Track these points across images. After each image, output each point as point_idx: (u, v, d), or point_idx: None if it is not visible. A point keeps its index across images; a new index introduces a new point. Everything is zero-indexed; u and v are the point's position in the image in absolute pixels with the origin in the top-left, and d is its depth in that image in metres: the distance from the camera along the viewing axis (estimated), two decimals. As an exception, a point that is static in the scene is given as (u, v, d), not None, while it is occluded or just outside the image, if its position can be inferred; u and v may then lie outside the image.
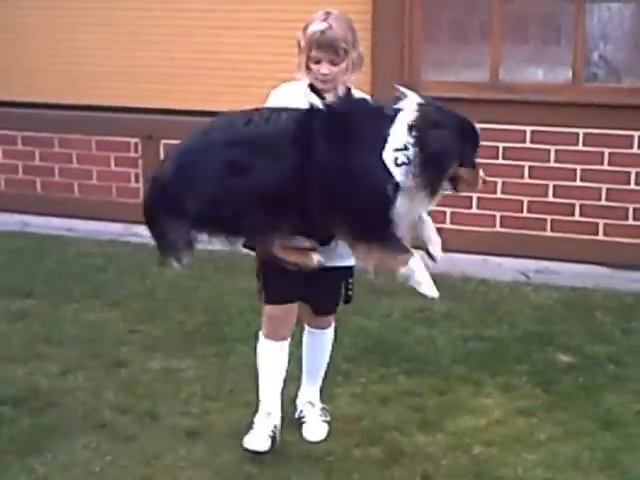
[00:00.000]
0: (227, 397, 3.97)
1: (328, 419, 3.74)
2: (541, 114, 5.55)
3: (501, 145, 5.69)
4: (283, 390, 3.60)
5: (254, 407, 3.70)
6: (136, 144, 6.45)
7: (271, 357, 3.58)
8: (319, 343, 3.72)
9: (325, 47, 3.30)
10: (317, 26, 3.32)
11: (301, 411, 3.77)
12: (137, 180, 6.48)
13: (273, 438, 3.54)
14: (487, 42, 5.69)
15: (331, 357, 3.79)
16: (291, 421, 3.73)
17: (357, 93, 3.52)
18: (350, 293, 3.64)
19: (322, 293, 3.57)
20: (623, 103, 5.45)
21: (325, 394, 3.80)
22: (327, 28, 3.30)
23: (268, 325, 3.58)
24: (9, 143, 6.83)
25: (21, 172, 6.84)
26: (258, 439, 3.52)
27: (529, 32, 5.81)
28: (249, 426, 3.56)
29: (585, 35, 5.50)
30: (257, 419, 3.60)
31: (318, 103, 3.32)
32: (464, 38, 5.94)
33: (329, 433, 3.66)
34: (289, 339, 3.59)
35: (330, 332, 3.73)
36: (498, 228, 5.79)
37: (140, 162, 6.47)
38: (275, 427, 3.57)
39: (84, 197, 6.64)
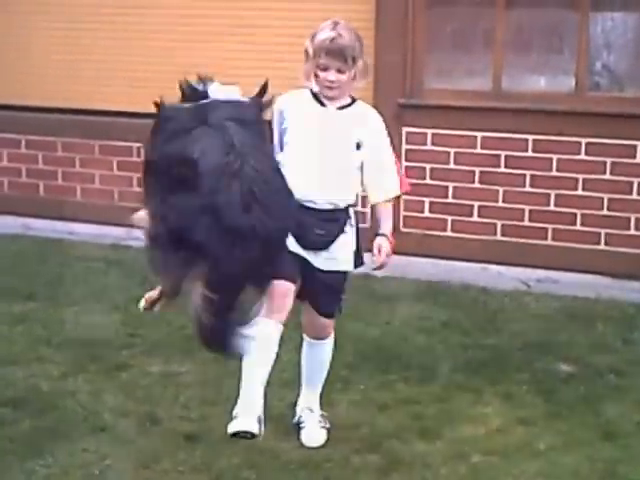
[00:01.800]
0: (226, 402, 3.95)
1: (327, 425, 3.74)
2: (543, 123, 5.56)
3: (503, 153, 5.69)
4: (280, 395, 3.62)
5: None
6: (138, 148, 6.46)
7: (259, 336, 3.24)
8: (318, 354, 3.72)
9: (334, 54, 3.38)
10: (327, 34, 3.40)
11: (300, 417, 3.77)
12: (139, 184, 6.48)
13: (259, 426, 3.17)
14: (490, 50, 5.70)
15: (331, 364, 3.77)
16: (290, 427, 3.74)
17: (361, 104, 3.57)
18: (341, 304, 3.64)
19: (324, 290, 3.54)
20: (626, 112, 5.46)
21: (324, 400, 3.79)
22: (337, 36, 3.39)
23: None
24: (13, 146, 6.84)
25: (24, 175, 6.85)
26: (246, 420, 3.16)
27: (532, 41, 5.81)
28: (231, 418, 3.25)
29: (588, 44, 5.51)
30: (238, 412, 3.22)
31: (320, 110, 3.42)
32: (467, 46, 5.94)
33: (328, 439, 3.66)
34: (281, 328, 3.35)
35: (329, 343, 3.72)
36: (499, 237, 5.80)
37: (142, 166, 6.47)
38: (260, 419, 3.21)
39: (86, 201, 6.65)
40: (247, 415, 3.17)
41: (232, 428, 3.14)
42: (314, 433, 3.71)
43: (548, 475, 3.38)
